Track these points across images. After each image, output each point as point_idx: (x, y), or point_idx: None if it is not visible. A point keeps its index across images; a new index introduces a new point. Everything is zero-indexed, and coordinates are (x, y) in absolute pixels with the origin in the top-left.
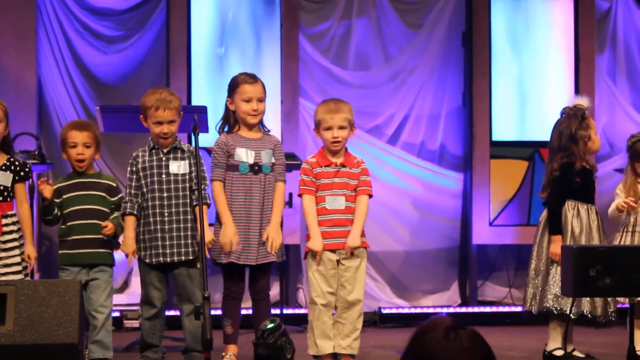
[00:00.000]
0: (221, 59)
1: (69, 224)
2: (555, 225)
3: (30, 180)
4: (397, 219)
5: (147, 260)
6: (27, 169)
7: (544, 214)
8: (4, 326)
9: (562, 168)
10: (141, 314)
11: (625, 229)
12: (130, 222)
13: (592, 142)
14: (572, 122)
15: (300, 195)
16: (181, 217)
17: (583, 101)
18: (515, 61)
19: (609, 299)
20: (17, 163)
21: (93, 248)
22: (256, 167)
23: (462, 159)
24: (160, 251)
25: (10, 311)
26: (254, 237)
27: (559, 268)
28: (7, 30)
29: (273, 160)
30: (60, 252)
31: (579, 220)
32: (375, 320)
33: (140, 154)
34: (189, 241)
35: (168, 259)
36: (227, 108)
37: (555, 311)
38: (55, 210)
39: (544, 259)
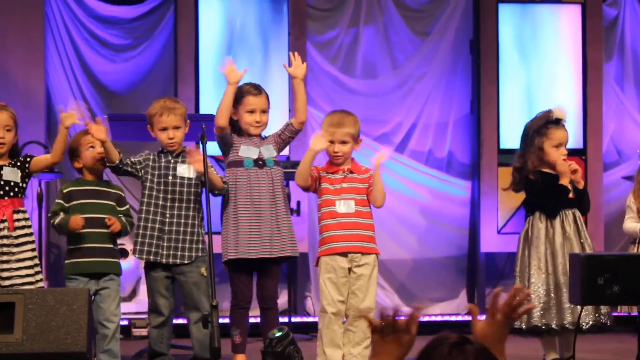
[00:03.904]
0: None
1: (78, 231)
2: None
3: (40, 189)
4: (404, 227)
5: (144, 257)
6: (22, 158)
7: (523, 231)
8: (12, 335)
9: (517, 170)
10: (149, 322)
11: (639, 240)
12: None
13: (546, 154)
14: (535, 124)
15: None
16: (182, 221)
17: (558, 110)
18: (523, 68)
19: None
20: (18, 161)
21: (102, 257)
22: (260, 162)
23: (470, 166)
24: (158, 251)
25: (19, 320)
26: (267, 230)
27: (532, 283)
28: (15, 39)
29: (274, 154)
30: (68, 261)
31: (553, 229)
32: None
33: (151, 155)
34: (187, 245)
35: (164, 260)
36: (230, 117)
37: (543, 327)
38: (62, 215)
39: (527, 274)
